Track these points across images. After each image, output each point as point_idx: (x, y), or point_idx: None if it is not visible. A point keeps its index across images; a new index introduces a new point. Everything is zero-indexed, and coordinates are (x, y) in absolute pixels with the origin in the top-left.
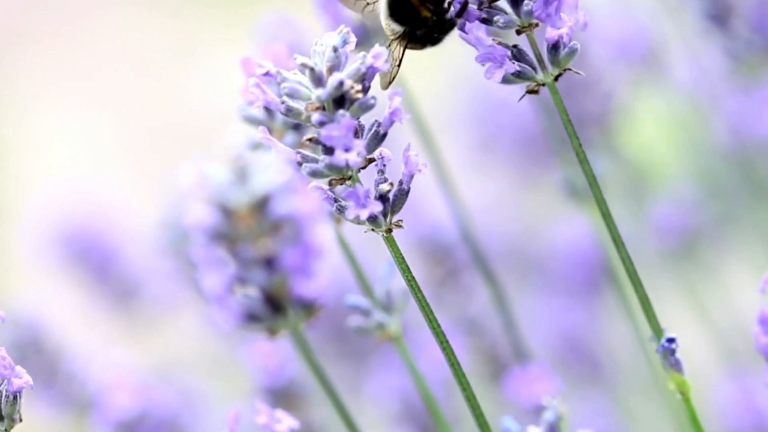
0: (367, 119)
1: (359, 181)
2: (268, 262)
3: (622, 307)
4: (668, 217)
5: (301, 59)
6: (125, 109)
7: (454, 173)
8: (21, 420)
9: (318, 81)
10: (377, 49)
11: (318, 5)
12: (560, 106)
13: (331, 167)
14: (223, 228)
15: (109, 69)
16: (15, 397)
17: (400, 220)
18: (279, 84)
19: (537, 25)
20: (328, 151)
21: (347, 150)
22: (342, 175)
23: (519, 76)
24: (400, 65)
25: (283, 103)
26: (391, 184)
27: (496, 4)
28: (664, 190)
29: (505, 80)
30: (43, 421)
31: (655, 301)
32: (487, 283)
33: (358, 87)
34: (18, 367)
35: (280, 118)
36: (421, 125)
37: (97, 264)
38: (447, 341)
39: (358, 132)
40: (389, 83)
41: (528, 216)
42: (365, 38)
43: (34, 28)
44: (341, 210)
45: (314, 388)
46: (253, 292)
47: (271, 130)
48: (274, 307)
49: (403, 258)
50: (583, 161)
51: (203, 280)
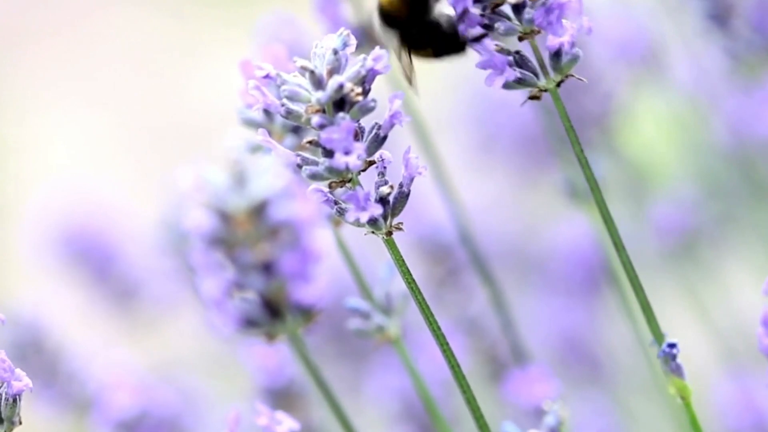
0: (367, 122)
1: (359, 184)
2: (266, 267)
3: (622, 308)
4: (668, 217)
5: (301, 62)
6: (125, 109)
7: (454, 173)
8: (20, 423)
9: (318, 84)
10: (377, 51)
11: (317, 8)
12: (563, 112)
13: (331, 170)
14: (221, 233)
15: (109, 69)
16: (15, 400)
17: (401, 223)
18: (279, 86)
19: (539, 32)
20: (328, 153)
21: (347, 153)
22: (342, 178)
23: (520, 83)
24: (412, 65)
25: (283, 105)
26: (392, 187)
27: (499, 9)
28: (664, 190)
29: (507, 86)
30: (43, 420)
31: (655, 301)
32: (487, 283)
33: (358, 90)
34: (18, 370)
35: (279, 120)
36: (421, 126)
37: (97, 264)
38: (447, 343)
39: (358, 135)
40: (410, 81)
41: (528, 216)
42: (365, 41)
43: (34, 28)
44: (341, 213)
45: (314, 388)
46: (251, 297)
47: (270, 133)
48: (273, 312)
49: (403, 260)
50: (585, 167)
51: (202, 285)
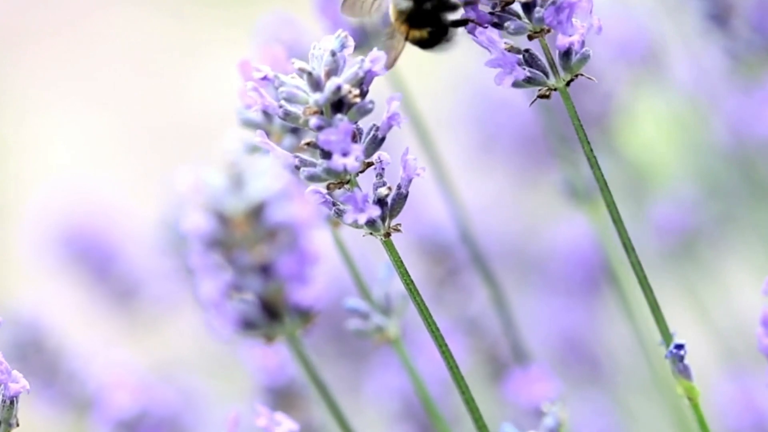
0: (365, 123)
1: (357, 185)
2: (264, 269)
3: (622, 307)
4: (668, 217)
5: (299, 63)
6: (125, 109)
7: (454, 173)
8: (18, 425)
9: (316, 85)
10: (375, 53)
11: (317, 8)
12: (572, 111)
13: (329, 171)
14: (219, 235)
15: (109, 69)
16: (12, 402)
17: (399, 224)
18: (277, 88)
19: (549, 31)
20: (326, 155)
21: (345, 154)
22: (340, 179)
23: (530, 82)
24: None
25: (281, 107)
26: (390, 188)
27: (509, 8)
28: (664, 190)
29: (516, 85)
30: (43, 420)
31: None
32: (487, 283)
33: (356, 91)
34: (15, 372)
35: (278, 121)
36: (421, 125)
37: (97, 264)
38: (446, 344)
39: (356, 136)
40: (393, 61)
41: (528, 216)
42: (363, 42)
43: (34, 28)
44: (339, 214)
45: (314, 387)
46: (249, 299)
47: (269, 134)
48: (271, 314)
49: (402, 262)
50: (594, 166)
51: (200, 287)
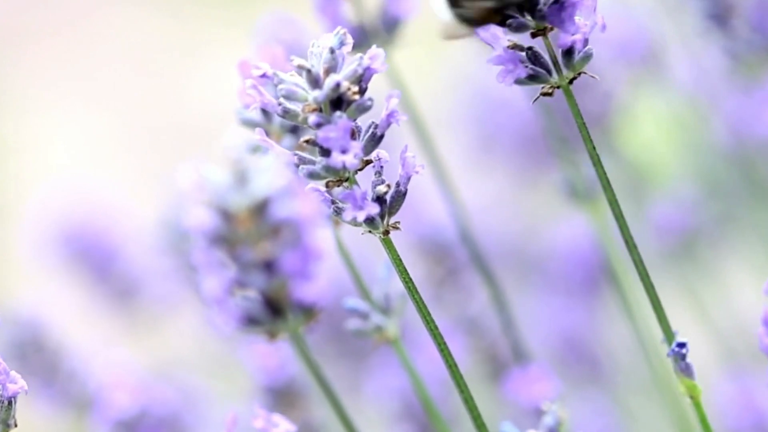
0: (364, 120)
1: (356, 183)
2: (268, 266)
3: (622, 307)
4: (668, 217)
5: (298, 61)
6: (125, 109)
7: (454, 173)
8: (16, 425)
9: (315, 83)
10: (374, 50)
11: (317, 7)
12: (575, 109)
13: (328, 169)
14: (223, 231)
15: (109, 69)
16: (10, 403)
17: (398, 222)
18: (276, 86)
19: (551, 29)
20: (325, 152)
21: (344, 152)
22: (339, 177)
23: (532, 79)
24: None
25: (280, 105)
26: (388, 186)
27: None
28: (664, 190)
29: (519, 82)
30: (42, 420)
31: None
32: (487, 283)
33: (355, 89)
34: (13, 372)
35: (277, 120)
36: (420, 125)
37: (97, 263)
38: (445, 344)
39: (355, 134)
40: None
41: (528, 216)
42: (363, 40)
43: (34, 28)
44: (338, 212)
45: (314, 387)
46: (252, 296)
47: (268, 133)
48: (274, 311)
49: (401, 260)
50: (597, 164)
51: (203, 284)
